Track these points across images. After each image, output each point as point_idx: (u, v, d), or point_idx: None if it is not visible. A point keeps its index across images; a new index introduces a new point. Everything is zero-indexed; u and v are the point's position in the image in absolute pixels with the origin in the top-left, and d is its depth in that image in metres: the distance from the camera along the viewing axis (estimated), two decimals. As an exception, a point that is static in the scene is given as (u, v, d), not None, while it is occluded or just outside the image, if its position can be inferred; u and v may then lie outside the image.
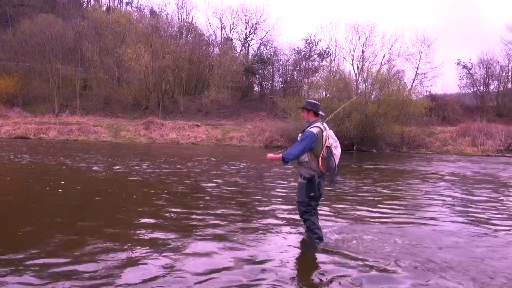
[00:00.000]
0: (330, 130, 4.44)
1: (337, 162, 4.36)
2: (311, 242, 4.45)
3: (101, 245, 4.21)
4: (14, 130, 29.83)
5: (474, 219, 6.23)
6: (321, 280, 3.57)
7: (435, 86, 69.79)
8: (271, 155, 4.46)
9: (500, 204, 7.67)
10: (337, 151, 4.38)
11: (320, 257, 4.12)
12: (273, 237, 4.77)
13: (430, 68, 37.24)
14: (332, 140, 4.36)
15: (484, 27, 67.37)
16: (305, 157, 4.30)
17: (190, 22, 46.15)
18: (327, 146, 4.28)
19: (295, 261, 4.07)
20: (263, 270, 3.66)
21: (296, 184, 4.74)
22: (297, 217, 4.83)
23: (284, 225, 5.38)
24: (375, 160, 19.02)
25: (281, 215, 5.97)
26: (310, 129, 4.31)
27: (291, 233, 4.99)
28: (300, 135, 4.44)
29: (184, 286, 3.27)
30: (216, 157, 17.56)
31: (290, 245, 4.48)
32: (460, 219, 6.21)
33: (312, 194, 4.34)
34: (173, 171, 11.41)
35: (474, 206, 7.41)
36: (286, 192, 8.23)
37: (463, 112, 35.89)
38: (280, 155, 4.33)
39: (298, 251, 4.40)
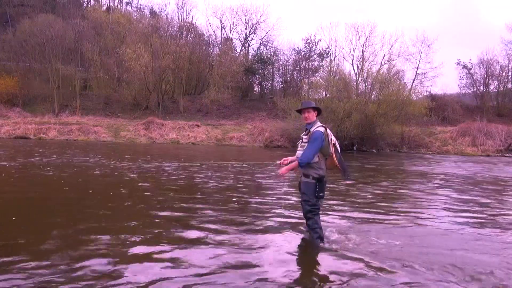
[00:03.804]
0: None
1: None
2: (312, 242, 4.45)
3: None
4: (14, 130, 29.85)
5: (473, 219, 6.23)
6: (320, 279, 3.57)
7: (435, 86, 70.25)
8: (284, 169, 4.40)
9: (499, 204, 7.68)
10: (338, 146, 4.53)
11: (320, 256, 4.13)
12: (273, 237, 4.77)
13: (430, 68, 37.35)
14: (333, 137, 4.49)
15: (484, 27, 67.60)
16: (315, 158, 4.32)
17: (190, 22, 46.22)
18: (333, 144, 4.40)
19: (295, 260, 4.07)
20: (263, 270, 3.66)
21: (297, 182, 4.74)
22: (297, 216, 4.83)
23: (283, 224, 5.37)
24: (375, 160, 19.02)
25: (280, 215, 5.97)
26: (318, 129, 4.34)
27: (291, 232, 4.98)
28: (304, 136, 4.44)
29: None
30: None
31: (290, 245, 4.48)
32: (460, 219, 6.21)
33: (321, 194, 4.39)
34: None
35: (473, 206, 7.41)
36: (285, 191, 8.22)
37: (463, 112, 35.92)
38: (295, 163, 4.36)
39: (298, 250, 4.40)
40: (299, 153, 4.44)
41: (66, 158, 14.39)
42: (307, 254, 4.36)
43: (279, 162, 4.66)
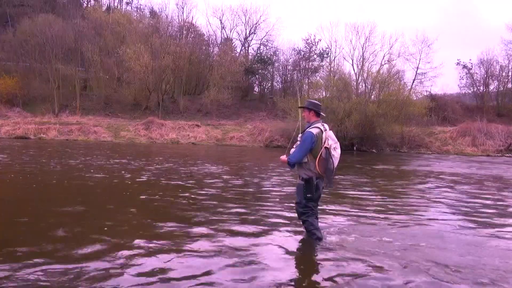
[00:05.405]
0: (330, 131, 4.40)
1: (335, 164, 4.33)
2: (310, 242, 4.44)
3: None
4: (14, 130, 29.86)
5: (473, 219, 6.22)
6: (320, 280, 3.57)
7: (435, 86, 70.08)
8: (283, 157, 4.44)
9: (499, 204, 7.67)
10: (336, 153, 4.34)
11: (319, 257, 4.12)
12: (272, 237, 4.77)
13: (430, 68, 37.28)
14: (331, 141, 4.32)
15: (484, 27, 67.54)
16: (304, 158, 4.29)
17: (190, 22, 46.16)
18: (326, 147, 4.25)
19: (294, 261, 4.07)
20: (262, 271, 3.66)
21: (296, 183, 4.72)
22: (294, 216, 4.83)
23: (283, 225, 5.37)
24: (375, 160, 19.02)
25: (280, 215, 5.97)
26: (310, 130, 4.28)
27: (290, 233, 4.98)
28: (300, 135, 4.43)
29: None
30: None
31: (289, 245, 4.48)
32: (459, 219, 6.21)
33: (309, 195, 4.31)
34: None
35: (473, 206, 7.40)
36: (285, 191, 8.23)
37: (463, 112, 35.89)
38: (287, 159, 4.36)
39: (297, 251, 4.39)
40: (291, 151, 4.45)
41: (99, 159, 14.31)
42: (305, 254, 4.35)
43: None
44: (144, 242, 4.39)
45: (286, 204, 6.77)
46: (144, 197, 7.29)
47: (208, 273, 3.54)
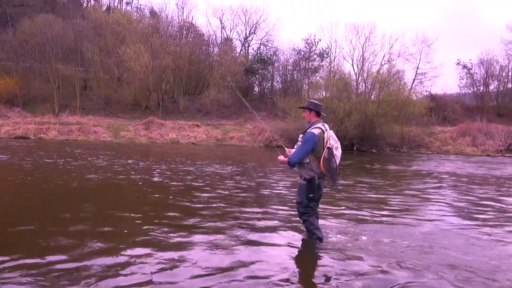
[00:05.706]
0: (331, 131, 4.42)
1: (337, 163, 4.34)
2: (310, 242, 4.45)
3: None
4: (14, 130, 29.85)
5: (473, 219, 6.23)
6: (320, 280, 3.57)
7: (435, 86, 69.77)
8: (281, 157, 4.49)
9: (499, 204, 7.67)
10: (338, 152, 4.36)
11: (320, 257, 4.12)
12: (272, 238, 4.77)
13: (430, 68, 37.22)
14: (333, 141, 4.33)
15: (484, 27, 67.50)
16: (306, 158, 4.29)
17: (190, 22, 46.14)
18: (328, 147, 4.26)
19: (294, 261, 4.07)
20: (262, 271, 3.66)
21: (296, 184, 4.72)
22: (296, 217, 4.83)
23: (283, 225, 5.37)
24: (375, 160, 19.01)
25: (280, 215, 5.97)
26: (312, 130, 4.28)
27: (290, 233, 4.98)
28: (301, 135, 4.43)
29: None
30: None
31: (290, 246, 4.48)
32: (460, 219, 6.21)
33: (311, 195, 4.32)
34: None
35: (473, 206, 7.40)
36: (285, 192, 8.23)
37: (463, 112, 35.89)
38: (287, 159, 4.37)
39: (298, 251, 4.39)
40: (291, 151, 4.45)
41: (105, 160, 14.31)
42: (305, 254, 4.35)
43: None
44: (151, 244, 4.40)
45: (289, 206, 6.78)
46: (155, 198, 7.29)
47: (211, 274, 3.54)
